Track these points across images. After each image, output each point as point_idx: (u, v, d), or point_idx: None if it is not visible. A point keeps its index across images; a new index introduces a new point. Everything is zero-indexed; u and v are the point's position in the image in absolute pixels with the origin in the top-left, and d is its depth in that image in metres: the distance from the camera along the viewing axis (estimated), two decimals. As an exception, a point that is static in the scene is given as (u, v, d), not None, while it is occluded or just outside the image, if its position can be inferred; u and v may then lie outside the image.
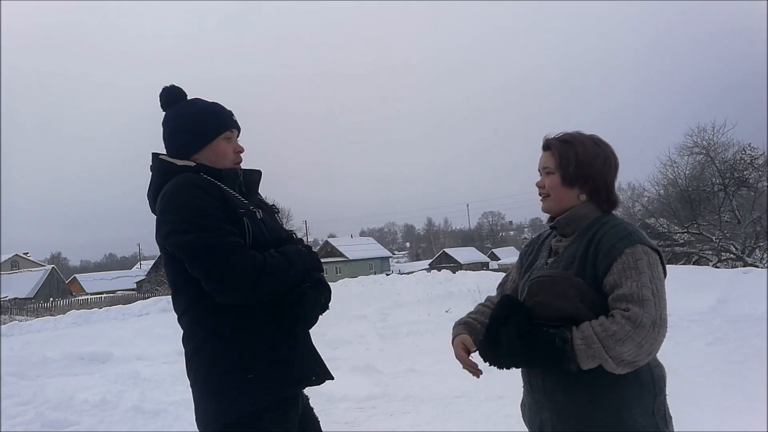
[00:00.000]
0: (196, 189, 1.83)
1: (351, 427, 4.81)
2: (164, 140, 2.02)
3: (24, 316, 26.54)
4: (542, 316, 1.71)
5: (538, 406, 1.82)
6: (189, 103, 2.03)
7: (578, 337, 1.61)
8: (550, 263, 1.85)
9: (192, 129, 1.97)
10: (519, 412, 1.99)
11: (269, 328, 1.89)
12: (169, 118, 2.01)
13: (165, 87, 2.04)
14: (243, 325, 1.86)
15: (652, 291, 1.61)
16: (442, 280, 16.59)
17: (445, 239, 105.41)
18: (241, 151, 2.03)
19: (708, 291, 10.59)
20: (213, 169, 1.93)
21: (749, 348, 6.58)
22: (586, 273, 1.72)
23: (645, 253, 1.68)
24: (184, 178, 1.87)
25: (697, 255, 20.47)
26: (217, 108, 2.03)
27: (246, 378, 1.82)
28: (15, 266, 57.37)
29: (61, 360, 8.45)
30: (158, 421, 5.15)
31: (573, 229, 1.84)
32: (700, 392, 4.69)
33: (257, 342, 1.86)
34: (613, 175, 1.85)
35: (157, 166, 1.97)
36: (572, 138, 1.84)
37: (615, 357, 1.57)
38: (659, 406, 1.72)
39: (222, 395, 1.83)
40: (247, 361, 1.84)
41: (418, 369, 6.63)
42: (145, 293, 35.95)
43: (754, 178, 21.61)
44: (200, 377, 1.87)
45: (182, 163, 1.93)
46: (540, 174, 1.90)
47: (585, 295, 1.68)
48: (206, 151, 1.97)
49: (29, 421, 5.01)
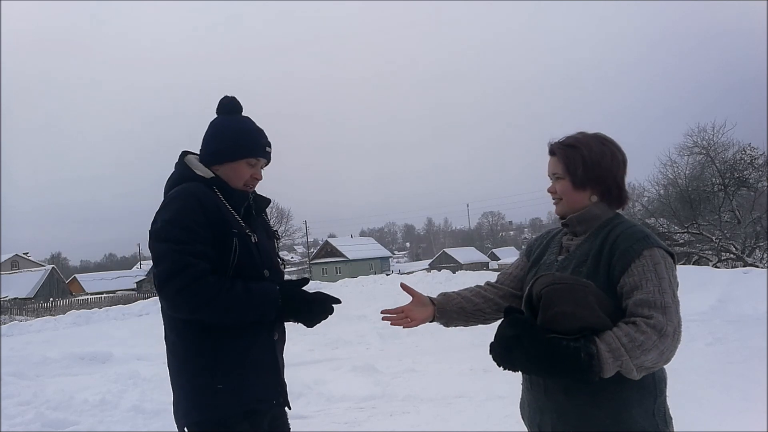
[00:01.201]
0: (193, 200, 1.93)
1: (351, 427, 4.81)
2: (202, 140, 2.14)
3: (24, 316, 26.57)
4: (561, 327, 1.62)
5: (538, 405, 1.81)
6: (235, 120, 2.13)
7: (605, 350, 1.56)
8: (560, 260, 1.84)
9: (224, 142, 2.07)
10: (519, 413, 1.99)
11: (241, 341, 1.95)
12: (214, 124, 2.13)
13: (226, 96, 2.16)
14: (215, 333, 1.92)
15: (671, 297, 1.62)
16: (442, 280, 16.60)
17: (445, 239, 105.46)
18: (258, 178, 2.12)
19: (708, 291, 10.59)
20: (227, 186, 2.05)
21: (749, 348, 6.59)
22: (599, 272, 1.71)
23: (662, 257, 1.68)
24: (190, 187, 1.98)
25: (697, 255, 20.47)
26: (256, 135, 2.12)
27: (214, 387, 1.91)
28: (15, 266, 57.40)
29: (61, 360, 8.45)
30: (158, 421, 5.16)
31: (585, 228, 1.83)
32: (700, 392, 4.70)
33: (226, 353, 1.93)
34: (623, 172, 1.85)
35: (178, 167, 2.10)
36: (577, 141, 1.83)
37: (638, 365, 1.57)
38: (659, 407, 1.72)
39: (190, 398, 1.94)
40: (215, 369, 1.92)
41: (418, 369, 6.64)
42: (145, 293, 36.01)
43: (754, 178, 21.62)
44: (173, 373, 2.00)
45: (200, 172, 2.05)
46: (550, 179, 1.89)
47: (602, 301, 1.66)
48: (227, 167, 2.07)
49: (29, 421, 5.01)
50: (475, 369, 6.10)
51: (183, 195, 1.95)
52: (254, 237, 2.04)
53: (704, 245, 20.53)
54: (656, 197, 23.80)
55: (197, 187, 1.99)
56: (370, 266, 57.44)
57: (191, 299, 1.84)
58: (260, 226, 2.15)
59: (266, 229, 2.19)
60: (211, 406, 1.91)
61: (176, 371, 1.98)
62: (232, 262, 1.94)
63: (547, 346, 1.59)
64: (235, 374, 1.93)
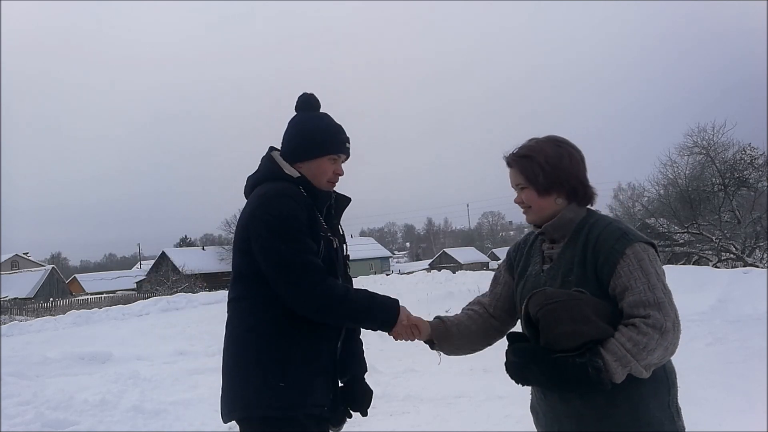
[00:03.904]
0: (291, 200, 1.97)
1: (351, 427, 4.77)
2: (283, 137, 2.16)
3: (24, 316, 26.53)
4: (565, 346, 1.64)
5: (555, 414, 1.80)
6: (315, 117, 2.16)
7: (612, 360, 1.59)
8: (546, 270, 1.84)
9: (306, 140, 2.10)
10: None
11: (310, 341, 1.98)
12: (295, 122, 2.16)
13: (304, 93, 2.18)
14: (285, 329, 1.94)
15: (662, 290, 1.64)
16: (442, 280, 16.62)
17: (445, 239, 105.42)
18: (340, 174, 2.16)
19: (708, 291, 10.59)
20: (312, 186, 2.08)
21: (749, 348, 6.59)
22: (588, 277, 1.72)
23: (644, 251, 1.69)
24: (285, 186, 2.02)
25: (697, 255, 20.46)
26: (336, 130, 2.15)
27: (277, 384, 1.91)
28: (15, 266, 57.38)
29: (61, 360, 8.44)
30: (158, 421, 5.15)
31: (562, 233, 1.84)
32: (700, 392, 4.69)
33: (298, 355, 1.95)
34: (584, 169, 1.86)
35: (267, 163, 2.12)
36: (531, 150, 1.85)
37: (646, 365, 1.60)
38: (673, 398, 1.74)
39: (254, 391, 1.92)
40: (280, 366, 1.92)
41: (418, 369, 6.63)
42: (145, 293, 35.95)
43: (754, 178, 21.60)
44: (240, 364, 1.97)
45: (289, 171, 2.08)
46: (515, 191, 1.91)
47: (599, 309, 1.67)
48: (310, 164, 2.09)
49: (29, 421, 5.01)
50: (475, 369, 6.09)
51: (281, 194, 1.98)
52: (335, 242, 2.09)
53: (704, 245, 20.51)
54: (656, 197, 23.78)
55: (291, 187, 2.02)
56: (370, 266, 57.39)
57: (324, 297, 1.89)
58: (337, 230, 2.18)
59: (341, 234, 2.21)
60: (276, 404, 1.91)
61: (245, 364, 1.96)
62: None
63: (554, 367, 1.64)
64: (303, 378, 1.94)
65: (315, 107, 2.18)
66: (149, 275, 46.74)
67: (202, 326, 11.81)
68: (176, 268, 43.16)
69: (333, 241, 2.07)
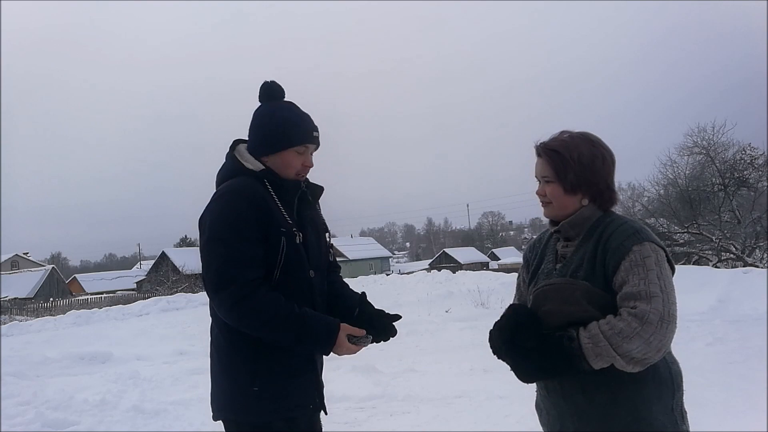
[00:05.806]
0: (242, 199, 1.90)
1: (351, 427, 4.81)
2: (248, 130, 2.08)
3: (24, 316, 26.53)
4: (552, 324, 1.69)
5: (558, 411, 1.80)
6: (279, 107, 2.06)
7: (585, 336, 1.60)
8: (558, 269, 1.82)
9: (270, 133, 2.02)
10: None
11: (285, 350, 1.94)
12: (259, 113, 2.07)
13: (266, 81, 2.09)
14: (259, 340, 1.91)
15: (660, 287, 1.61)
16: (442, 280, 16.60)
17: (445, 239, 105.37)
18: (309, 166, 2.07)
19: (708, 291, 10.59)
20: (277, 178, 2.00)
21: (749, 348, 6.58)
22: (596, 274, 1.71)
23: (653, 251, 1.67)
24: (239, 184, 1.94)
25: (697, 255, 20.46)
26: (302, 120, 2.05)
27: (254, 391, 1.90)
28: (15, 266, 57.35)
29: (61, 360, 8.43)
30: (158, 421, 5.15)
31: (577, 231, 1.81)
32: (700, 392, 4.68)
33: (269, 361, 1.93)
34: (613, 173, 1.83)
35: (227, 159, 2.07)
36: (564, 145, 1.79)
37: (623, 354, 1.56)
38: (677, 402, 1.72)
39: (229, 397, 1.94)
40: (256, 375, 1.91)
41: (418, 369, 6.62)
42: (145, 293, 35.95)
43: (754, 178, 21.61)
44: (216, 370, 2.00)
45: (250, 165, 2.01)
46: (538, 181, 1.86)
47: (592, 296, 1.67)
48: (276, 157, 2.02)
49: (29, 421, 5.01)
50: (475, 369, 6.09)
51: (231, 192, 1.92)
52: (300, 236, 1.98)
53: (704, 245, 20.51)
54: (656, 197, 23.80)
55: (246, 183, 1.95)
56: (370, 266, 57.40)
57: (245, 316, 1.84)
58: (312, 220, 2.09)
59: (318, 223, 2.12)
60: (250, 410, 1.90)
61: (219, 369, 1.99)
62: (279, 261, 1.92)
63: (537, 339, 1.66)
64: (276, 382, 1.92)
65: (279, 96, 2.07)
66: (149, 275, 46.71)
67: (202, 326, 11.71)
68: (176, 268, 43.07)
69: (297, 235, 1.96)
